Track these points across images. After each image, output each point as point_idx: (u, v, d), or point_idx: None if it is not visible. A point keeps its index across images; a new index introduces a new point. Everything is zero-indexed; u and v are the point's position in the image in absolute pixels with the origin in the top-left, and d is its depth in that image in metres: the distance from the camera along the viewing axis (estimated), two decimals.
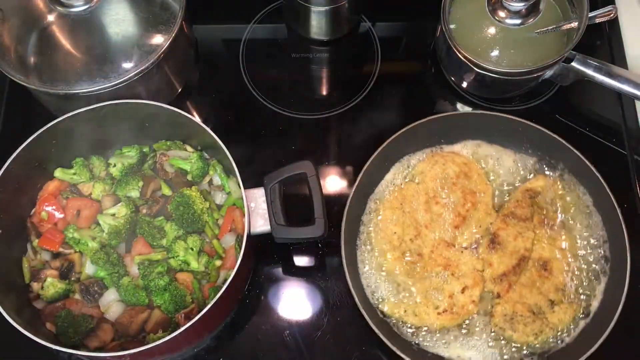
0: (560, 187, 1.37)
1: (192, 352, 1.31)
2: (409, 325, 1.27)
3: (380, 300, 1.29)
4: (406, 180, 1.39)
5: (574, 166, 1.36)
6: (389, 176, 1.40)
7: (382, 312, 1.28)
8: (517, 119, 1.37)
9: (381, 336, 1.18)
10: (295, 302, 1.36)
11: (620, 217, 1.27)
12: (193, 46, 1.61)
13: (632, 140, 1.49)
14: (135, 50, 1.37)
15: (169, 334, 1.11)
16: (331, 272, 1.38)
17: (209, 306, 1.12)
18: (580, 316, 1.27)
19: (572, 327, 1.26)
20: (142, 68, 1.34)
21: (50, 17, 1.37)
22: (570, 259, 1.31)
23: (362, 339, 1.32)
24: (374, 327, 1.19)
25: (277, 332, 1.33)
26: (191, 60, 1.60)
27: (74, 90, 1.33)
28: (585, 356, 1.17)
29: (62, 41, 1.38)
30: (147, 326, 1.23)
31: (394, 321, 1.27)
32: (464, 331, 1.27)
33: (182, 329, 1.11)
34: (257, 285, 1.37)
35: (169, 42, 1.36)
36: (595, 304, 1.28)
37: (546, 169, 1.40)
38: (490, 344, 1.25)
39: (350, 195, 1.29)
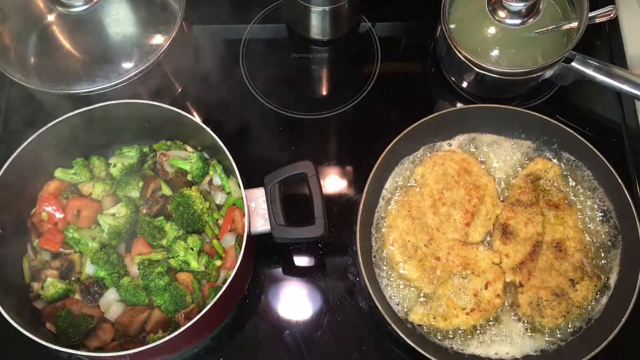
0: (558, 166, 1.38)
1: (192, 352, 1.31)
2: (440, 330, 1.27)
3: (407, 311, 1.28)
4: (408, 185, 1.39)
5: (568, 143, 1.38)
6: (389, 184, 1.40)
7: (411, 323, 1.27)
8: (505, 106, 1.38)
9: (418, 349, 1.17)
10: (295, 302, 1.36)
11: (622, 185, 1.29)
12: (193, 46, 1.61)
13: (632, 140, 1.49)
14: (135, 50, 1.37)
15: (169, 334, 1.11)
16: (331, 272, 1.38)
17: (209, 306, 1.12)
18: (602, 290, 1.28)
19: (596, 302, 1.28)
20: (142, 68, 1.34)
21: (50, 17, 1.37)
22: (581, 236, 1.32)
23: (362, 339, 1.32)
24: (409, 342, 1.18)
25: (277, 332, 1.33)
26: (191, 60, 1.60)
27: (74, 90, 1.33)
28: (615, 331, 1.18)
29: (62, 41, 1.38)
30: (147, 326, 1.23)
31: (424, 329, 1.27)
32: (495, 327, 1.27)
33: (182, 329, 1.11)
34: (257, 285, 1.37)
35: (169, 42, 1.37)
36: (614, 276, 1.30)
37: (542, 151, 1.41)
38: (524, 334, 1.26)
39: (359, 215, 1.28)
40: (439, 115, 1.37)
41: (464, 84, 1.54)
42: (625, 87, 1.37)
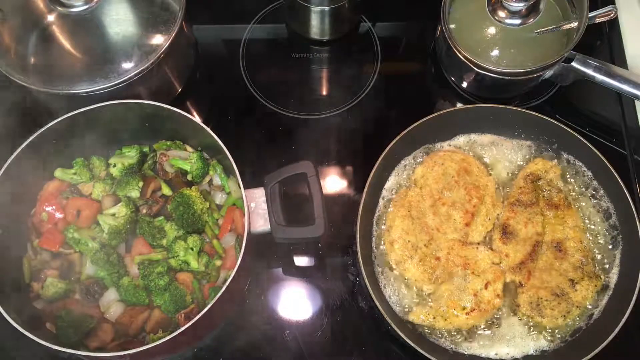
0: (558, 166, 1.38)
1: (192, 352, 1.31)
2: (440, 331, 1.26)
3: (407, 311, 1.28)
4: (407, 185, 1.39)
5: (568, 143, 1.38)
6: (389, 184, 1.40)
7: (411, 323, 1.27)
8: (505, 106, 1.38)
9: (418, 349, 1.17)
10: (295, 302, 1.36)
11: (622, 185, 1.29)
12: (193, 46, 1.61)
13: (632, 140, 1.49)
14: (135, 50, 1.37)
15: (169, 334, 1.11)
16: (331, 272, 1.38)
17: (209, 306, 1.12)
18: (602, 289, 1.29)
19: (596, 302, 1.28)
20: (142, 68, 1.34)
21: (50, 17, 1.37)
22: (581, 236, 1.32)
23: (362, 339, 1.32)
24: (409, 342, 1.18)
25: (277, 332, 1.33)
26: (191, 60, 1.60)
27: (74, 90, 1.33)
28: (615, 331, 1.18)
29: (62, 41, 1.38)
30: (147, 326, 1.23)
31: (424, 329, 1.27)
32: (495, 327, 1.27)
33: (182, 329, 1.11)
34: (257, 285, 1.37)
35: (169, 42, 1.37)
36: (614, 276, 1.30)
37: (542, 151, 1.42)
38: (524, 334, 1.26)
39: (359, 215, 1.28)
40: (439, 115, 1.37)
41: (464, 84, 1.54)
42: (625, 87, 1.37)
